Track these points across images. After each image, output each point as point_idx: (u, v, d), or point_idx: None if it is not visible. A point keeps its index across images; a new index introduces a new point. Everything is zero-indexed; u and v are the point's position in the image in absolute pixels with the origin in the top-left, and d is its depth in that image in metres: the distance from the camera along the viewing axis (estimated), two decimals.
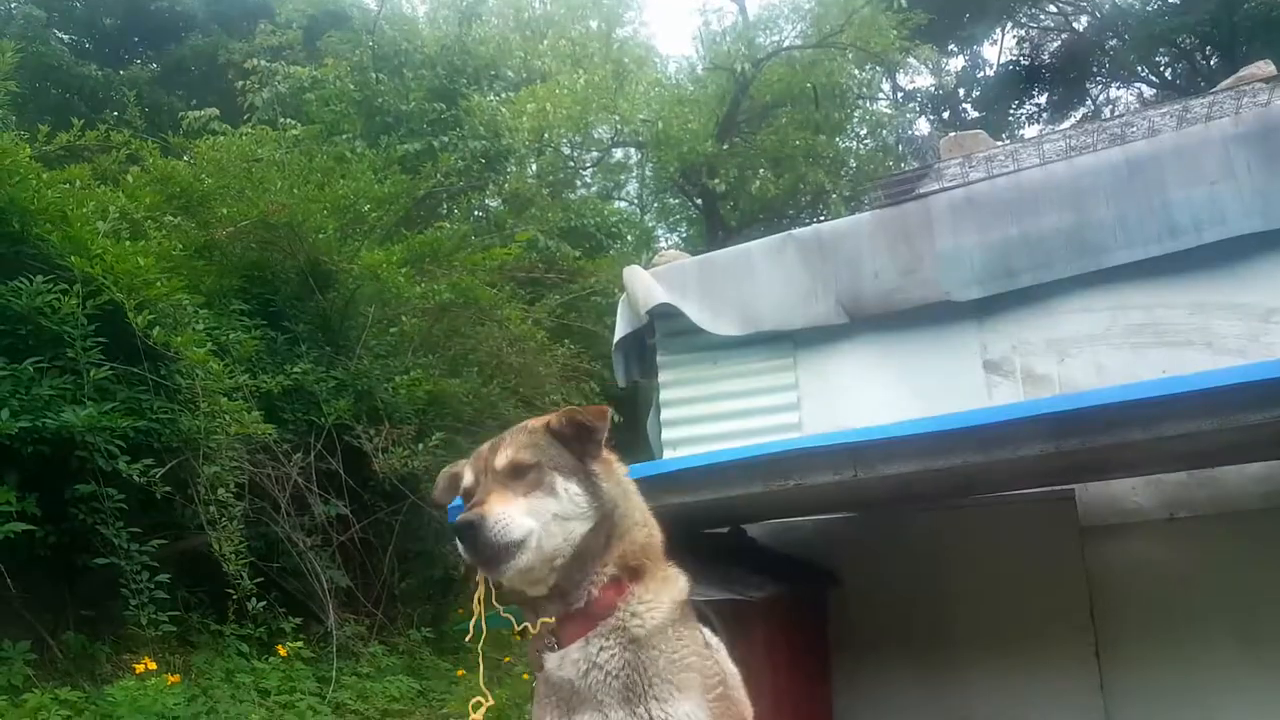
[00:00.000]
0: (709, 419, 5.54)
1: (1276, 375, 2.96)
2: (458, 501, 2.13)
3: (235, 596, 5.76)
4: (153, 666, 4.23)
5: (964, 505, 4.89)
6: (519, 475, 1.93)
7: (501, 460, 1.95)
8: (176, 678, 4.57)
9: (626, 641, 1.93)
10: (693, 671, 1.97)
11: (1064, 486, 4.72)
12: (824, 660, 4.86)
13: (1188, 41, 22.07)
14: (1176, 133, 5.17)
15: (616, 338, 6.03)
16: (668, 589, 2.06)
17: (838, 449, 3.48)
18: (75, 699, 4.85)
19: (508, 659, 8.40)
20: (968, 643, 4.72)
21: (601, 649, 1.92)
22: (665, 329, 5.80)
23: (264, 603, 6.02)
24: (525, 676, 7.19)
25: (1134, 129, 5.60)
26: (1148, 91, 24.07)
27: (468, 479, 2.02)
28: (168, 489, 5.64)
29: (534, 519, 1.87)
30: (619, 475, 2.13)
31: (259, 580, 5.98)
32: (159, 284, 5.86)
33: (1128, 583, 4.58)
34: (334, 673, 6.36)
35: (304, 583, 7.09)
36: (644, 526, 2.12)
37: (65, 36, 16.07)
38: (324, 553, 7.20)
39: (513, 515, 1.85)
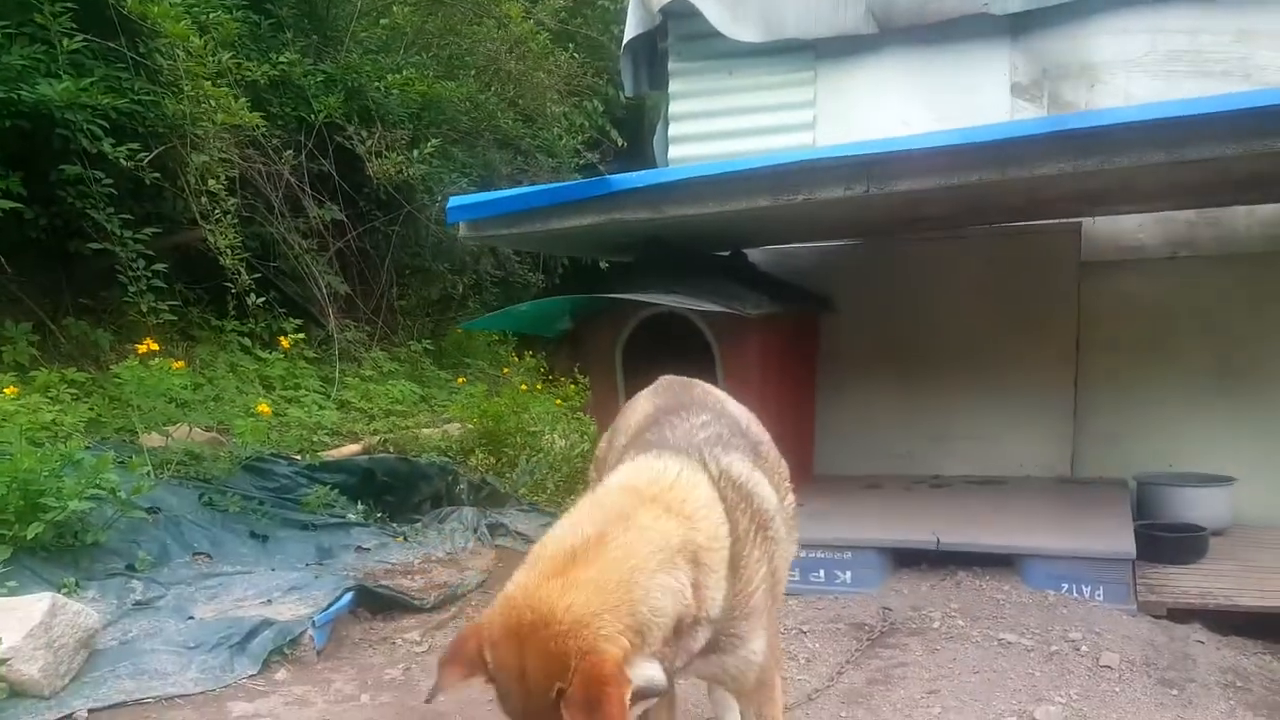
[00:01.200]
0: (719, 136, 5.32)
1: None
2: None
3: (234, 292, 5.81)
4: (155, 347, 4.33)
5: (966, 234, 4.88)
6: None
7: None
8: (181, 363, 4.72)
9: None
10: None
11: (1071, 220, 4.69)
12: (811, 376, 5.07)
13: None
14: None
15: (626, 39, 5.63)
16: None
17: (851, 160, 3.35)
18: (82, 379, 5.00)
19: (506, 371, 8.77)
20: (951, 366, 4.92)
21: None
22: (680, 31, 5.41)
23: (263, 299, 6.07)
24: (523, 388, 7.54)
25: None
26: None
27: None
28: (156, 175, 5.49)
29: None
30: None
31: (256, 277, 5.98)
32: None
33: (1118, 318, 4.69)
34: (337, 374, 6.58)
35: (303, 287, 7.17)
36: None
37: None
38: (320, 257, 7.21)
39: None
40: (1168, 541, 3.68)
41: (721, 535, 1.50)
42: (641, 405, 2.10)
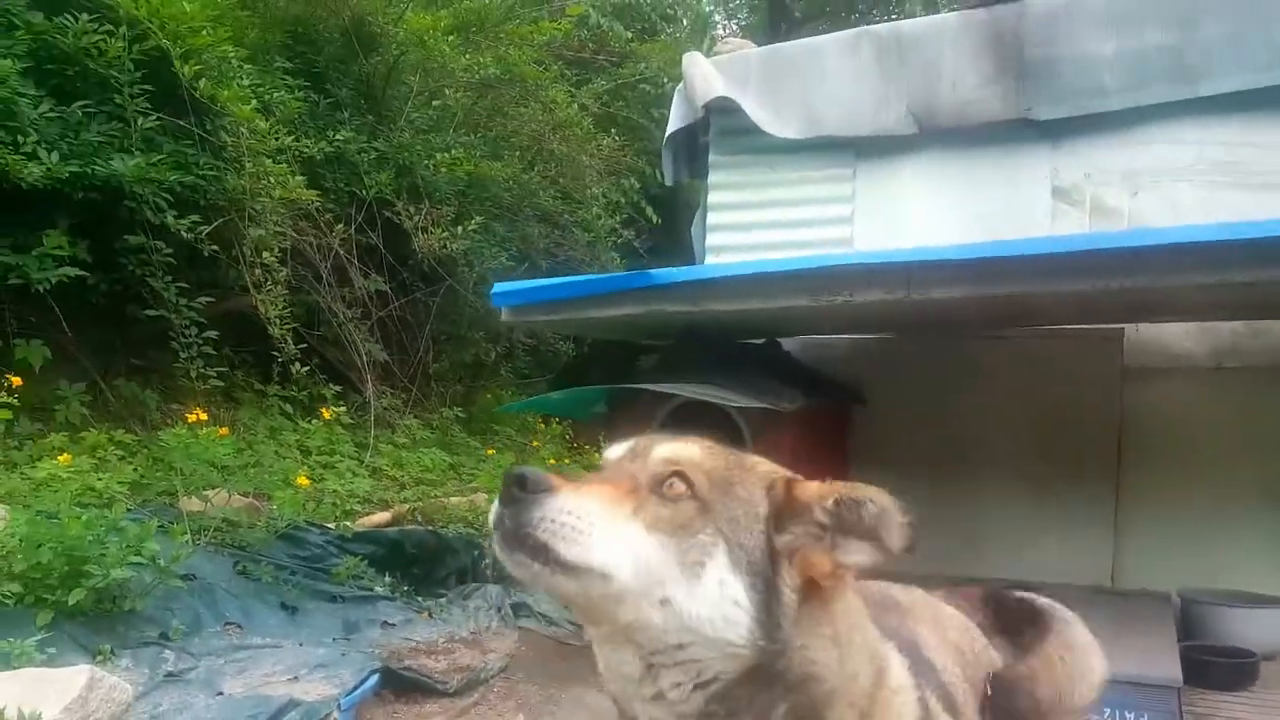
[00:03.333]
0: (757, 226, 5.41)
1: None
2: None
3: (280, 360, 5.97)
4: (204, 417, 4.49)
5: (1005, 335, 4.87)
6: (666, 495, 1.14)
7: (662, 455, 1.18)
8: (226, 430, 4.86)
9: None
10: None
11: (1114, 326, 4.67)
12: (844, 470, 5.04)
13: None
14: None
15: (669, 130, 5.79)
16: None
17: (892, 267, 3.41)
18: (130, 441, 5.16)
19: (535, 443, 8.81)
20: (987, 466, 4.84)
21: None
22: (721, 125, 5.55)
23: (307, 369, 6.24)
24: (550, 461, 7.58)
25: None
26: None
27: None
28: (214, 247, 5.72)
29: (640, 569, 1.08)
30: (845, 620, 1.22)
31: (302, 346, 6.17)
32: (205, 33, 5.63)
33: (1162, 427, 4.60)
34: (371, 440, 6.70)
35: (344, 353, 7.34)
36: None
37: None
38: (363, 326, 7.39)
39: (602, 528, 1.09)
40: (1218, 667, 3.53)
41: None
42: None
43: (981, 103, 4.88)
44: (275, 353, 5.99)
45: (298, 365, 5.89)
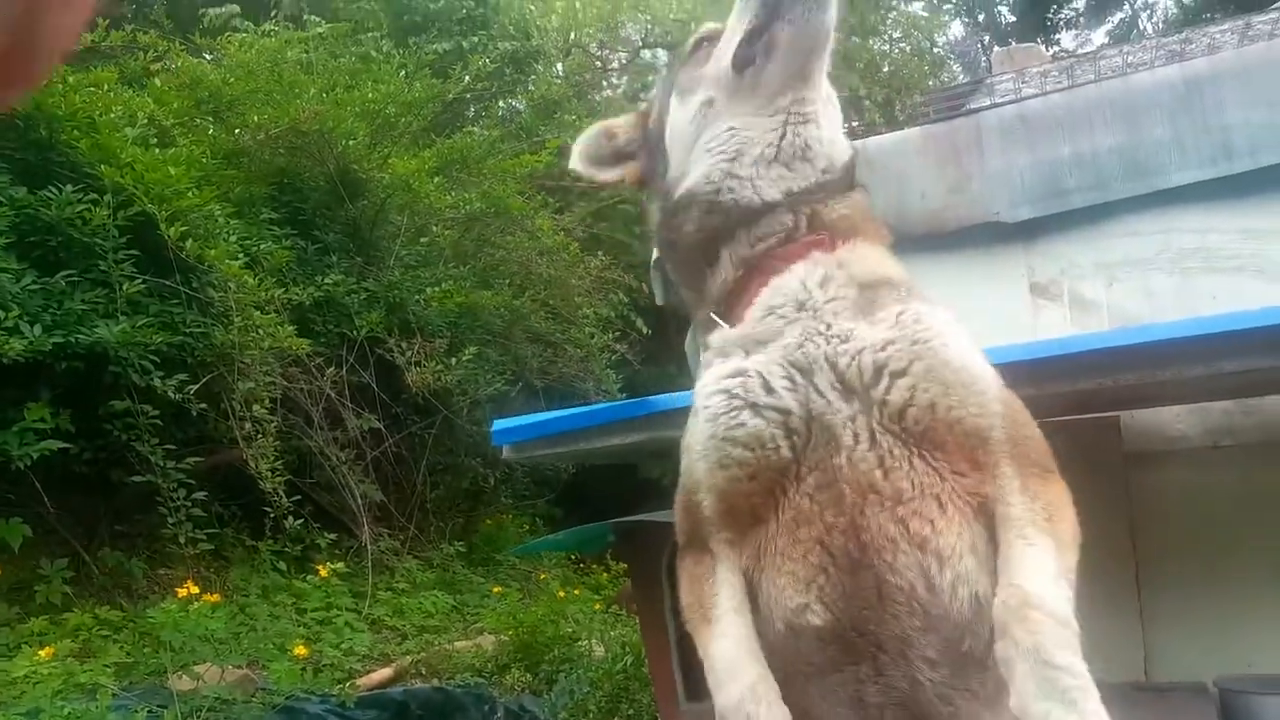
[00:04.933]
0: None
1: None
2: None
3: (272, 515, 5.85)
4: (195, 590, 4.33)
5: None
6: None
7: None
8: (216, 596, 4.68)
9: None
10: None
11: (1109, 414, 4.64)
12: None
13: None
14: (1237, 51, 4.94)
15: (654, 255, 5.89)
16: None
17: None
18: (115, 619, 4.96)
19: (544, 576, 8.59)
20: None
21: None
22: None
23: (300, 520, 6.09)
24: (560, 594, 7.36)
25: (1193, 46, 5.33)
26: None
27: None
28: (203, 405, 5.67)
29: None
30: None
31: (295, 498, 6.02)
32: (190, 194, 5.76)
33: (1171, 510, 4.52)
34: (369, 588, 6.49)
35: (337, 496, 7.20)
36: None
37: None
38: (357, 467, 7.28)
39: None
40: None
41: None
42: None
43: (952, 209, 5.00)
44: (267, 507, 5.86)
45: (290, 519, 5.75)
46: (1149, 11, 23.79)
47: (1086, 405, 4.28)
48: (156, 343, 5.39)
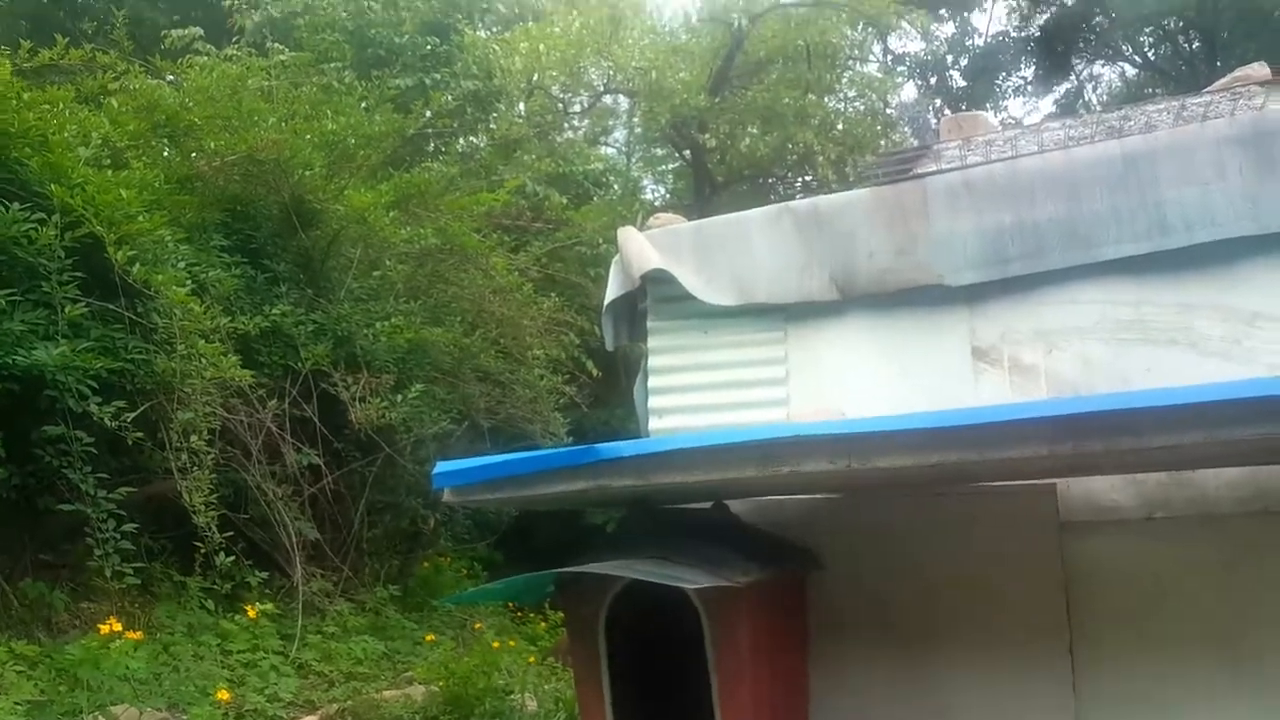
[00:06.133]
0: (697, 388, 5.47)
1: (1269, 393, 2.98)
2: None
3: (203, 550, 5.66)
4: (117, 628, 4.15)
5: (945, 493, 4.91)
6: None
7: None
8: (139, 634, 4.49)
9: None
10: None
11: (1045, 481, 4.75)
12: (804, 640, 4.87)
13: (1172, 24, 22.12)
14: (1172, 130, 5.16)
15: (607, 300, 5.93)
16: None
17: (833, 439, 3.46)
18: (31, 653, 4.74)
19: (478, 625, 8.43)
20: (947, 634, 4.67)
21: None
22: (658, 294, 5.70)
23: (232, 557, 5.90)
24: (495, 645, 7.22)
25: (1131, 123, 5.59)
26: (1130, 71, 24.34)
27: None
28: (139, 435, 5.50)
29: None
30: None
31: (228, 534, 5.83)
32: (141, 219, 5.65)
33: (1105, 581, 4.59)
34: (299, 630, 6.31)
35: (271, 533, 7.01)
36: None
37: None
38: (294, 503, 7.11)
39: None
40: None
41: None
42: None
43: (897, 271, 5.13)
44: (198, 541, 5.67)
45: (222, 556, 5.57)
46: (1094, 84, 24.99)
47: (1022, 472, 4.40)
48: (96, 368, 5.24)
